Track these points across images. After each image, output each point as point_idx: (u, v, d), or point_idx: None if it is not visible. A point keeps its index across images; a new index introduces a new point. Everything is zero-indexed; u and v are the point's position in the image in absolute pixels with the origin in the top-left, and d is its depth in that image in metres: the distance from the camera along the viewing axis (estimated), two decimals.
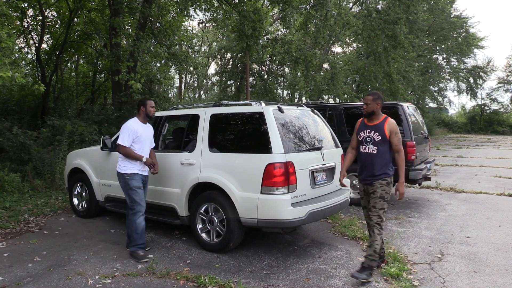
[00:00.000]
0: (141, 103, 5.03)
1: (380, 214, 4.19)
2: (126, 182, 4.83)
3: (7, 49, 6.55)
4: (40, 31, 13.49)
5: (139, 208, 4.80)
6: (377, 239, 4.15)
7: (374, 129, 4.29)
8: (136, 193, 4.81)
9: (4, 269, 4.47)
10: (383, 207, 4.20)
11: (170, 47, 12.68)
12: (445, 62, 34.86)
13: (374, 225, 4.20)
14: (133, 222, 4.79)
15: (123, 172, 4.86)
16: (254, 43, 13.30)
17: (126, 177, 4.83)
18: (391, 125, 4.24)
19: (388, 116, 4.34)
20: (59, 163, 8.93)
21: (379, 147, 4.23)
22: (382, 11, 19.41)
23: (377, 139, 4.23)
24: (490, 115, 39.20)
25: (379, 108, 4.32)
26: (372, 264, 4.13)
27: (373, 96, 4.33)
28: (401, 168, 4.22)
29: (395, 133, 4.21)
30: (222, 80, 24.82)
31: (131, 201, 4.82)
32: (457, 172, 12.07)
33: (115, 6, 10.57)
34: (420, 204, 7.70)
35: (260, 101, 5.03)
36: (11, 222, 6.37)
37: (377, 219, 4.19)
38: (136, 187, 4.82)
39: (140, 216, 4.80)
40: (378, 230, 4.18)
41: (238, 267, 4.50)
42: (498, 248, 5.09)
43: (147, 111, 5.00)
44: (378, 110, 4.32)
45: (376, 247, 4.13)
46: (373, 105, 4.29)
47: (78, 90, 16.70)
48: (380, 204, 4.20)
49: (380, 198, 4.20)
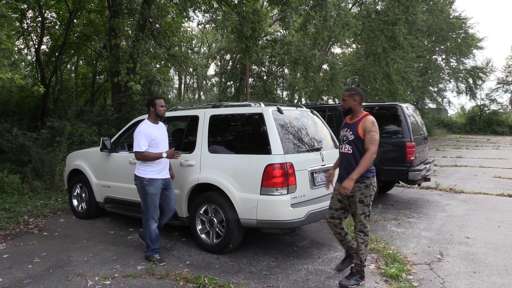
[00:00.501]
0: (150, 103, 4.83)
1: (362, 220, 3.98)
2: (143, 187, 4.64)
3: (6, 51, 6.55)
4: (39, 32, 13.50)
5: (151, 215, 4.66)
6: (361, 249, 3.98)
7: (350, 127, 4.12)
8: (151, 200, 4.64)
9: (4, 270, 4.47)
10: (364, 211, 3.98)
11: (170, 48, 12.69)
12: (445, 62, 34.90)
13: (357, 233, 4.02)
14: (146, 228, 4.69)
15: (141, 176, 4.66)
16: (254, 44, 13.31)
17: (144, 182, 4.64)
18: (365, 123, 4.00)
19: (369, 114, 4.12)
20: (58, 164, 8.93)
21: (354, 146, 4.04)
22: (381, 12, 19.47)
23: (351, 138, 4.06)
24: (490, 115, 39.22)
25: (357, 104, 4.11)
26: (360, 269, 4.01)
27: (350, 91, 4.15)
28: (360, 165, 3.91)
29: (368, 131, 3.96)
30: (221, 81, 24.84)
31: (145, 207, 4.68)
32: (456, 172, 12.08)
33: (114, 8, 10.58)
34: (419, 205, 7.70)
35: (259, 102, 5.03)
36: (11, 223, 6.38)
37: (360, 226, 4.00)
38: (153, 193, 4.63)
39: (153, 223, 4.67)
40: (361, 238, 3.99)
41: (237, 268, 4.50)
42: (498, 249, 5.09)
43: (157, 111, 4.79)
44: (356, 107, 4.12)
45: (362, 256, 3.99)
46: (350, 101, 4.11)
47: (77, 91, 16.71)
48: (360, 208, 3.98)
49: (360, 202, 3.98)
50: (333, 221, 4.25)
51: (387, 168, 7.29)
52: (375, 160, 7.37)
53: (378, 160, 7.33)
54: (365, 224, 4.00)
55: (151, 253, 4.68)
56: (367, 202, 4.00)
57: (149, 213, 4.66)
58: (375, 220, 6.57)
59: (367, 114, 4.10)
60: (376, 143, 3.97)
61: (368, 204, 4.01)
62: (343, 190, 3.90)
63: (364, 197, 3.98)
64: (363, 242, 3.99)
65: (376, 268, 4.47)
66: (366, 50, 21.57)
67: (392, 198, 8.43)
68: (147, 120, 4.83)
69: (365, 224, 3.99)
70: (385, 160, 7.31)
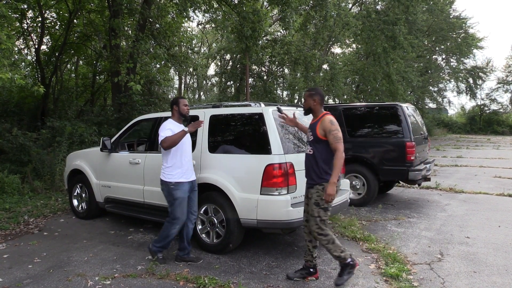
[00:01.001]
0: (174, 102, 4.70)
1: (317, 222, 3.88)
2: (170, 192, 4.49)
3: (6, 51, 6.55)
4: (39, 32, 13.52)
5: (177, 221, 4.51)
6: (330, 248, 3.90)
7: (310, 128, 4.08)
8: (179, 205, 4.49)
9: (4, 270, 4.47)
10: (320, 215, 3.87)
11: (170, 48, 12.69)
12: (445, 62, 34.89)
13: (318, 238, 3.92)
14: (168, 227, 4.55)
15: (167, 181, 4.50)
16: (254, 44, 13.32)
17: (170, 186, 4.48)
18: (323, 123, 3.90)
19: (329, 113, 4.03)
20: (58, 164, 8.93)
21: (314, 147, 3.97)
22: (381, 11, 19.46)
23: (310, 139, 4.02)
24: (490, 115, 39.22)
25: (317, 104, 4.05)
26: (345, 262, 3.93)
27: (310, 92, 4.10)
28: (335, 167, 3.78)
29: (329, 131, 3.84)
30: (221, 81, 24.85)
31: (173, 212, 4.51)
32: (456, 172, 12.08)
33: (114, 8, 10.58)
34: (419, 205, 7.70)
35: (259, 102, 5.03)
36: (11, 223, 6.38)
37: (316, 228, 3.89)
38: (181, 197, 4.49)
39: (177, 227, 4.53)
40: (324, 240, 3.89)
41: (238, 268, 4.50)
42: (498, 249, 5.09)
43: (181, 110, 4.65)
44: (315, 107, 4.06)
45: (336, 254, 3.89)
46: (309, 101, 4.06)
47: (77, 91, 16.73)
48: (316, 211, 3.89)
49: (315, 204, 3.90)
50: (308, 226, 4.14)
51: (387, 168, 7.29)
52: (375, 160, 7.45)
53: (378, 160, 7.35)
54: (321, 227, 3.89)
55: (158, 249, 4.62)
56: (322, 205, 3.88)
57: (176, 218, 4.50)
58: (375, 220, 6.57)
59: (325, 114, 4.02)
60: (341, 141, 3.84)
61: (324, 207, 3.89)
62: (328, 197, 3.79)
63: (320, 199, 3.89)
64: (327, 243, 3.90)
65: (376, 268, 4.47)
66: (366, 50, 21.56)
67: (392, 198, 8.43)
68: (170, 119, 4.68)
69: (321, 227, 3.89)
70: (385, 160, 7.31)
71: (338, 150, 3.80)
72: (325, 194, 3.81)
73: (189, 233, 4.71)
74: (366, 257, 4.81)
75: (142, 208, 5.77)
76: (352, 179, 7.51)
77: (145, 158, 5.69)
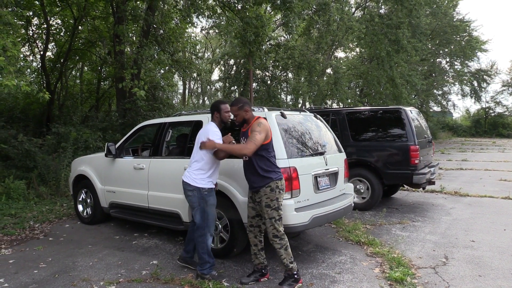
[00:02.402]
0: (214, 108, 4.36)
1: (273, 223, 3.87)
2: (204, 198, 4.20)
3: (12, 58, 6.61)
4: (45, 39, 13.66)
5: (209, 229, 4.26)
6: (281, 254, 3.89)
7: (244, 135, 4.05)
8: (211, 212, 4.27)
9: (10, 275, 4.50)
10: (273, 216, 3.88)
11: (174, 53, 12.77)
12: (449, 65, 34.80)
13: (272, 240, 3.90)
14: (202, 243, 4.24)
15: (200, 187, 4.20)
16: (257, 49, 13.37)
17: (203, 192, 4.20)
18: (252, 126, 3.90)
19: (261, 117, 4.04)
20: (64, 170, 8.99)
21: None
22: (384, 15, 19.46)
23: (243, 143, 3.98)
24: (495, 118, 39.08)
25: (249, 112, 4.04)
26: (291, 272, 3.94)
27: (237, 105, 4.02)
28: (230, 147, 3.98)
29: (252, 129, 3.86)
30: (225, 86, 24.93)
31: (202, 220, 4.22)
32: (461, 175, 12.03)
33: (119, 14, 10.67)
34: (424, 208, 7.68)
35: (262, 107, 5.05)
36: (17, 229, 6.42)
37: (272, 230, 3.88)
38: (213, 204, 4.27)
39: (210, 237, 4.30)
40: (277, 244, 3.88)
41: (242, 272, 4.50)
42: (503, 252, 5.06)
43: (222, 117, 4.34)
44: (248, 115, 4.04)
45: (285, 261, 3.90)
46: (242, 113, 4.03)
47: (82, 97, 16.86)
48: (268, 213, 3.88)
49: (266, 207, 3.89)
50: (253, 230, 4.16)
51: (392, 171, 7.28)
52: (379, 164, 7.44)
53: (382, 163, 7.34)
54: (277, 228, 3.89)
55: (209, 270, 4.25)
56: (274, 205, 3.89)
57: (207, 226, 4.24)
58: (379, 224, 6.55)
59: (257, 118, 4.04)
60: (255, 143, 3.80)
61: (276, 208, 3.90)
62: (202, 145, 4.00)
63: (270, 201, 3.89)
64: (280, 247, 3.89)
65: (380, 272, 4.46)
66: (370, 53, 21.55)
67: (396, 201, 8.40)
68: (213, 123, 4.34)
69: (277, 229, 3.89)
70: (389, 163, 7.30)
71: (245, 144, 3.87)
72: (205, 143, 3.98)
73: None
74: (370, 261, 4.80)
75: (146, 213, 5.79)
76: (356, 183, 7.50)
77: (150, 163, 5.71)
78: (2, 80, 6.13)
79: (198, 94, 35.87)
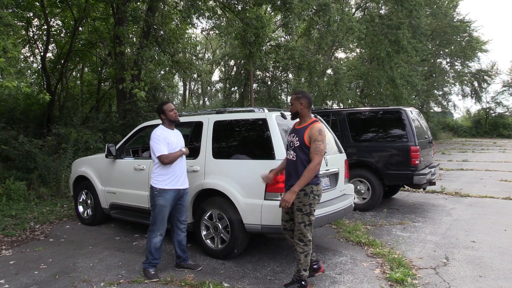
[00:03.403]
0: (159, 110, 4.61)
1: (301, 229, 3.79)
2: (153, 197, 4.44)
3: (13, 59, 6.62)
4: (45, 40, 13.67)
5: (156, 228, 4.42)
6: (300, 258, 3.83)
7: (296, 133, 3.93)
8: (159, 213, 4.40)
9: (11, 276, 4.50)
10: (304, 221, 3.79)
11: (174, 54, 12.78)
12: (449, 66, 34.83)
13: (296, 242, 3.84)
14: (149, 239, 4.45)
15: (153, 186, 4.45)
16: (257, 50, 13.39)
17: (154, 192, 4.42)
18: (312, 130, 3.79)
19: (318, 121, 3.94)
20: (64, 171, 8.99)
21: (298, 153, 3.85)
22: (385, 16, 19.47)
23: (296, 144, 3.87)
24: (496, 118, 39.06)
25: (304, 108, 3.92)
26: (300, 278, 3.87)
27: (297, 95, 3.96)
28: (303, 177, 3.72)
29: (314, 140, 3.75)
30: (226, 87, 24.93)
31: (152, 219, 4.45)
32: (462, 176, 12.02)
33: (119, 15, 10.68)
34: (425, 209, 7.67)
35: (263, 108, 5.06)
36: (17, 230, 6.42)
37: (299, 234, 3.81)
38: (161, 205, 4.39)
39: (158, 236, 4.43)
40: (300, 248, 3.81)
41: (242, 273, 4.50)
42: (504, 253, 5.06)
43: (168, 117, 4.56)
44: (303, 111, 3.93)
45: (300, 266, 3.84)
46: (296, 104, 3.93)
47: (83, 98, 16.88)
48: (299, 217, 3.80)
49: (298, 211, 3.81)
50: (287, 233, 4.12)
51: (392, 172, 7.28)
52: (380, 164, 7.44)
53: (383, 164, 7.34)
54: (305, 233, 3.80)
55: (147, 265, 4.45)
56: (306, 210, 3.80)
57: (155, 224, 4.43)
58: (380, 224, 6.55)
59: (315, 121, 3.92)
60: (321, 154, 3.75)
61: (307, 213, 3.80)
62: (283, 202, 3.76)
63: (302, 205, 3.81)
64: (302, 252, 3.82)
65: (381, 272, 4.45)
66: (370, 54, 21.56)
67: (397, 202, 8.40)
68: (162, 126, 4.60)
69: (304, 234, 3.81)
70: (389, 164, 7.30)
71: (313, 161, 3.74)
72: (281, 200, 3.79)
73: (181, 241, 4.65)
74: (371, 262, 4.80)
75: (147, 214, 5.77)
76: (356, 184, 7.50)
77: (150, 164, 5.70)
78: (2, 82, 6.15)
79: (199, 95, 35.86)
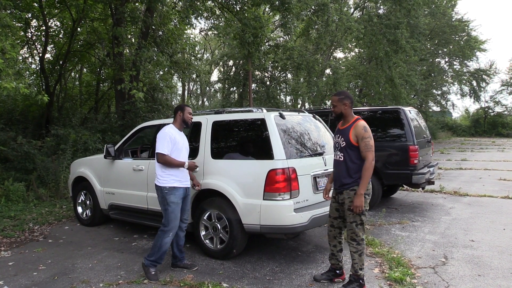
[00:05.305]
0: (179, 108, 4.65)
1: (353, 228, 3.84)
2: (164, 197, 4.41)
3: (11, 60, 6.62)
4: (43, 41, 13.65)
5: (171, 227, 4.40)
6: (354, 258, 3.87)
7: (341, 133, 3.97)
8: (172, 210, 4.40)
9: (9, 277, 4.50)
10: (355, 220, 3.84)
11: (173, 55, 12.77)
12: (448, 65, 34.82)
13: (349, 242, 3.89)
14: (160, 237, 4.41)
15: (161, 186, 4.43)
16: (256, 50, 13.39)
17: (164, 191, 4.41)
18: (357, 129, 3.82)
19: (361, 119, 3.97)
20: (63, 172, 8.98)
21: (346, 153, 3.89)
22: (383, 15, 19.46)
23: (343, 144, 3.91)
24: (494, 117, 39.08)
25: (348, 108, 3.95)
26: (358, 277, 3.89)
27: (339, 96, 3.97)
28: (363, 177, 3.75)
29: (361, 138, 3.78)
30: (224, 87, 24.95)
31: (166, 218, 4.42)
32: (461, 175, 12.03)
33: (117, 16, 10.68)
34: (423, 208, 7.68)
35: (261, 108, 5.06)
36: (16, 231, 6.41)
37: (351, 234, 3.86)
38: (173, 202, 4.41)
39: (170, 236, 4.42)
40: (353, 247, 3.86)
41: (241, 273, 4.50)
42: (503, 252, 5.06)
43: (184, 117, 4.61)
44: (347, 111, 3.96)
45: (356, 266, 3.87)
46: (340, 106, 3.94)
47: (81, 99, 16.86)
48: (351, 217, 3.85)
49: (349, 210, 3.85)
50: (333, 230, 4.14)
51: (391, 171, 7.29)
52: (379, 164, 7.44)
53: (382, 164, 7.34)
54: (357, 232, 3.84)
55: (151, 263, 4.41)
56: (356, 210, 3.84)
57: (169, 225, 4.39)
58: (379, 224, 6.55)
59: (358, 119, 3.95)
60: (372, 149, 3.78)
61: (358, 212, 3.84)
62: (356, 209, 3.76)
63: None
64: (355, 252, 3.86)
65: (380, 272, 4.46)
66: (369, 54, 21.55)
67: (396, 202, 8.41)
68: (172, 125, 4.63)
69: (356, 233, 3.84)
70: (388, 163, 7.30)
71: (367, 159, 3.77)
72: (353, 205, 3.78)
73: (179, 241, 4.66)
74: (370, 261, 4.80)
75: (146, 215, 5.79)
76: None
77: (149, 165, 5.71)
78: (1, 83, 6.14)
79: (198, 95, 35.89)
